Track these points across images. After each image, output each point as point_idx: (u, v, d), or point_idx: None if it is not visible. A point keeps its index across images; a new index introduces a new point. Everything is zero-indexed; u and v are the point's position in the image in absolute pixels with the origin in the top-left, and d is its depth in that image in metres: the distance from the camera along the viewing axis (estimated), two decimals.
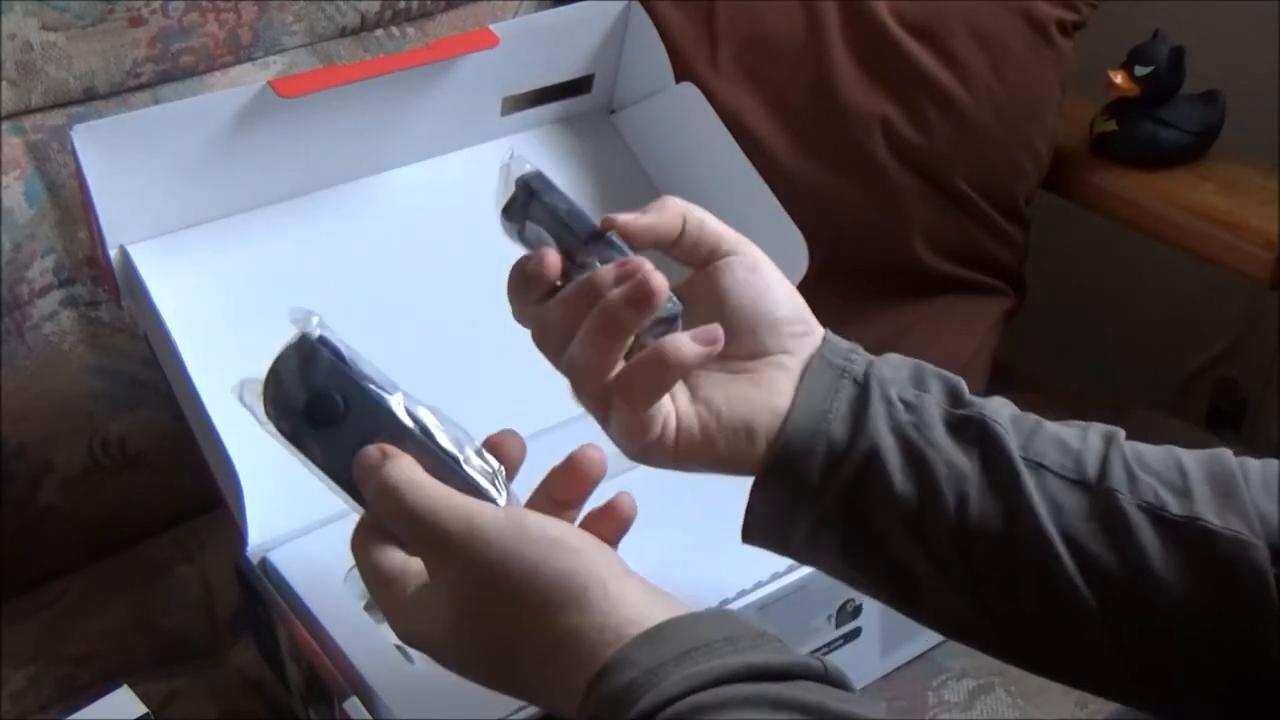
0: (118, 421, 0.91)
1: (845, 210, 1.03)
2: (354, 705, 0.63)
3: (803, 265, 0.82)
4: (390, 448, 0.55)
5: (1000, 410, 0.59)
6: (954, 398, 0.59)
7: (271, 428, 0.57)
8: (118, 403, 0.91)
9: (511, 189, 0.61)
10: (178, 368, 0.75)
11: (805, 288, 0.82)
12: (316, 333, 0.57)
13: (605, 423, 0.59)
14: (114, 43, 0.89)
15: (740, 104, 1.00)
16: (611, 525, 0.57)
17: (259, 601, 0.72)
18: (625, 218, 0.59)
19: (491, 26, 0.84)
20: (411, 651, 0.70)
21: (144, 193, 0.77)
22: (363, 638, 0.67)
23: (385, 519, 0.55)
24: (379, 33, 1.01)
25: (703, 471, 0.60)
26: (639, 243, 0.59)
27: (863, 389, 0.58)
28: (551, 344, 0.59)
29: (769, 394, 0.58)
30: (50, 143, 0.88)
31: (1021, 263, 1.11)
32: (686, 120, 0.91)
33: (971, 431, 0.57)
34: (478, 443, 0.58)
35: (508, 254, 0.62)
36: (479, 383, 0.82)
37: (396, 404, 0.57)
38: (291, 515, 0.74)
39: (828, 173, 1.02)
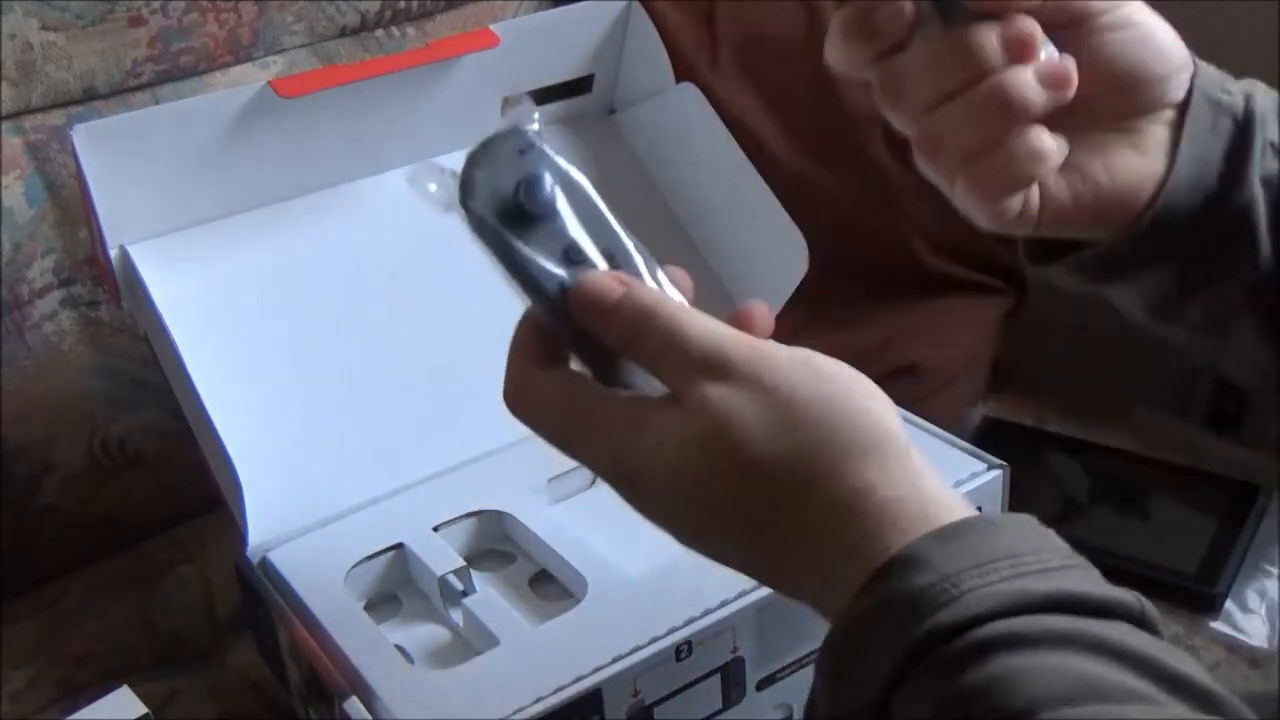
0: (118, 421, 0.91)
1: (845, 210, 1.03)
2: (354, 705, 0.63)
3: (802, 265, 0.82)
4: (627, 276, 0.48)
5: None
6: None
7: (467, 214, 0.50)
8: (118, 403, 0.91)
9: None
10: (178, 368, 0.75)
11: (805, 288, 0.82)
12: (535, 128, 0.50)
13: (952, 193, 0.52)
14: (114, 43, 0.89)
15: (740, 104, 1.00)
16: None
17: (259, 601, 0.72)
18: None
19: (491, 26, 0.84)
20: (412, 651, 0.70)
21: (144, 193, 0.77)
22: (363, 638, 0.67)
23: (636, 345, 0.46)
24: (379, 33, 1.01)
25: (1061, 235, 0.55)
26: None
27: (1243, 130, 0.53)
28: (904, 105, 0.51)
29: (1154, 160, 0.53)
30: (50, 143, 0.88)
31: (1022, 263, 1.11)
32: (686, 120, 0.91)
33: None
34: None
35: None
36: (479, 383, 0.82)
37: (618, 224, 0.49)
38: (291, 515, 0.74)
39: (828, 173, 1.02)
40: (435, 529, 0.73)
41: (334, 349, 0.80)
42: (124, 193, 0.76)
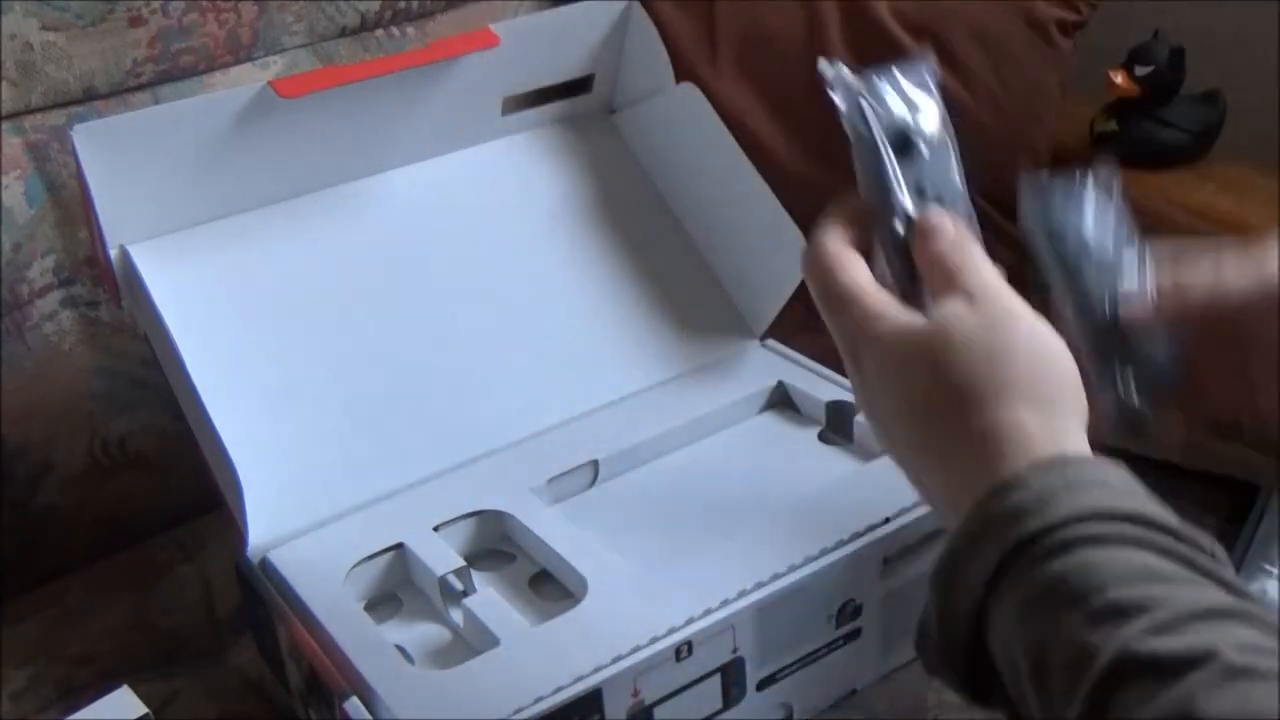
0: (118, 421, 0.91)
1: None
2: (354, 705, 0.63)
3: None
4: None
5: None
6: None
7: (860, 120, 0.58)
8: (118, 403, 0.91)
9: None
10: (178, 368, 0.75)
11: (804, 288, 0.82)
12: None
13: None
14: (114, 43, 0.89)
15: (740, 104, 1.00)
16: None
17: (259, 601, 0.72)
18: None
19: (491, 26, 0.84)
20: (412, 651, 0.70)
21: (144, 193, 0.77)
22: (363, 638, 0.67)
23: (948, 255, 0.55)
24: (379, 33, 1.01)
25: None
26: None
27: None
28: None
29: None
30: (50, 143, 0.88)
31: (1022, 263, 1.11)
32: (686, 120, 0.91)
33: None
34: None
35: (509, 253, 0.62)
36: (479, 382, 0.82)
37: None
38: (291, 515, 0.74)
39: (828, 173, 1.02)
40: (435, 529, 0.73)
41: (334, 349, 0.80)
42: (124, 193, 0.76)
